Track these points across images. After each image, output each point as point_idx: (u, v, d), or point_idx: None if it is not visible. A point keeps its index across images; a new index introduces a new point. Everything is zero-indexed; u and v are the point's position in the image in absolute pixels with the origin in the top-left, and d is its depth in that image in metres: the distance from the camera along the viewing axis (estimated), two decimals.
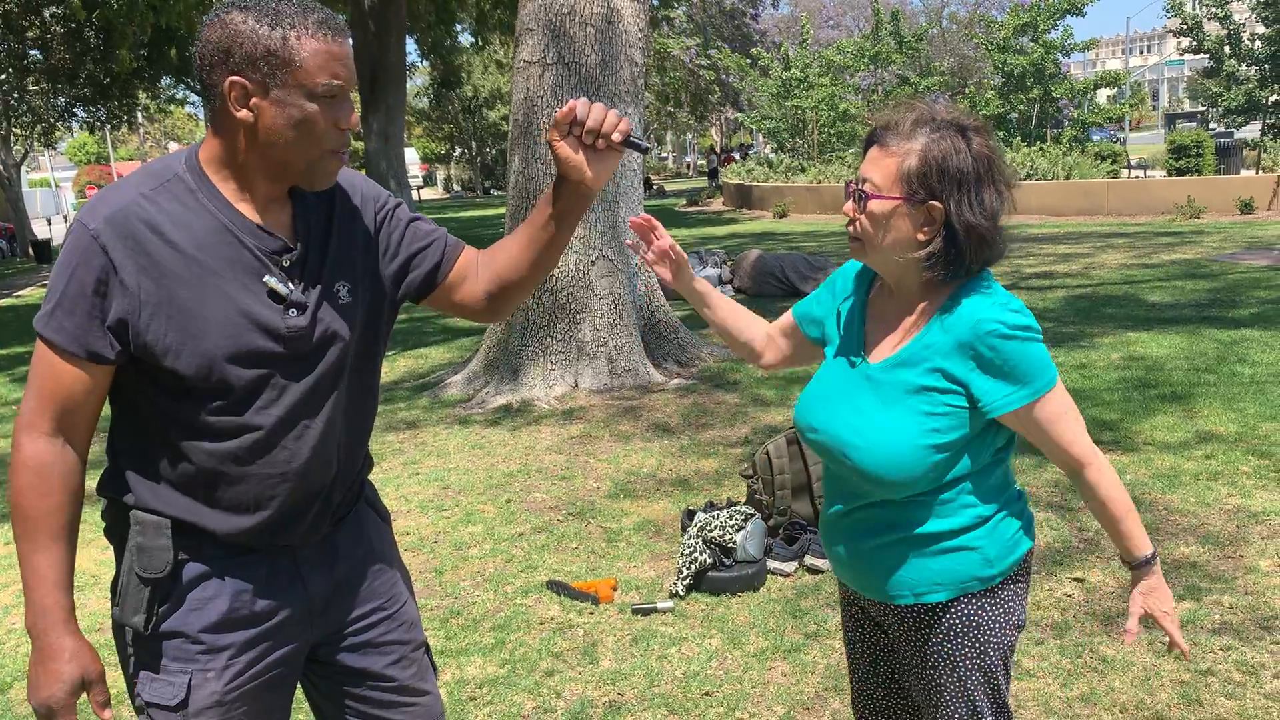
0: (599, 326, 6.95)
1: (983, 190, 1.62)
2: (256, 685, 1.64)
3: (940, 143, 1.61)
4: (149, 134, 61.09)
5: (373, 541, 1.80)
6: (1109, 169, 19.92)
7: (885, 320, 1.77)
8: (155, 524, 1.57)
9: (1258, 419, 5.30)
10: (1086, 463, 1.70)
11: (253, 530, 1.60)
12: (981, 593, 1.73)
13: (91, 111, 26.91)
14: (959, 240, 1.62)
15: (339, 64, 1.47)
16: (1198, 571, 3.66)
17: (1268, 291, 9.02)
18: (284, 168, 1.52)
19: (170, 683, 1.59)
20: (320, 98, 1.46)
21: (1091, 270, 11.14)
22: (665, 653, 3.39)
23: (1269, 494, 4.32)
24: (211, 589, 1.60)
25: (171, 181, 1.51)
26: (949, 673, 1.75)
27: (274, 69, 1.44)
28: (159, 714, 1.60)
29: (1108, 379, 6.35)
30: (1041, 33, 22.95)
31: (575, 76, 6.76)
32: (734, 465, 5.21)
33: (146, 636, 1.59)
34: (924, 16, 47.74)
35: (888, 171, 1.63)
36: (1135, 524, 1.73)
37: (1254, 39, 23.20)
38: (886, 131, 1.65)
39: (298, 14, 1.45)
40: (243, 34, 1.43)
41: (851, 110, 26.08)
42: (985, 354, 1.63)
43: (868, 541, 1.76)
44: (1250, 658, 3.07)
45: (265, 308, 1.53)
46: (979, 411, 1.66)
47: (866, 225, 1.66)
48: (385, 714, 1.79)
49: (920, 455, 1.65)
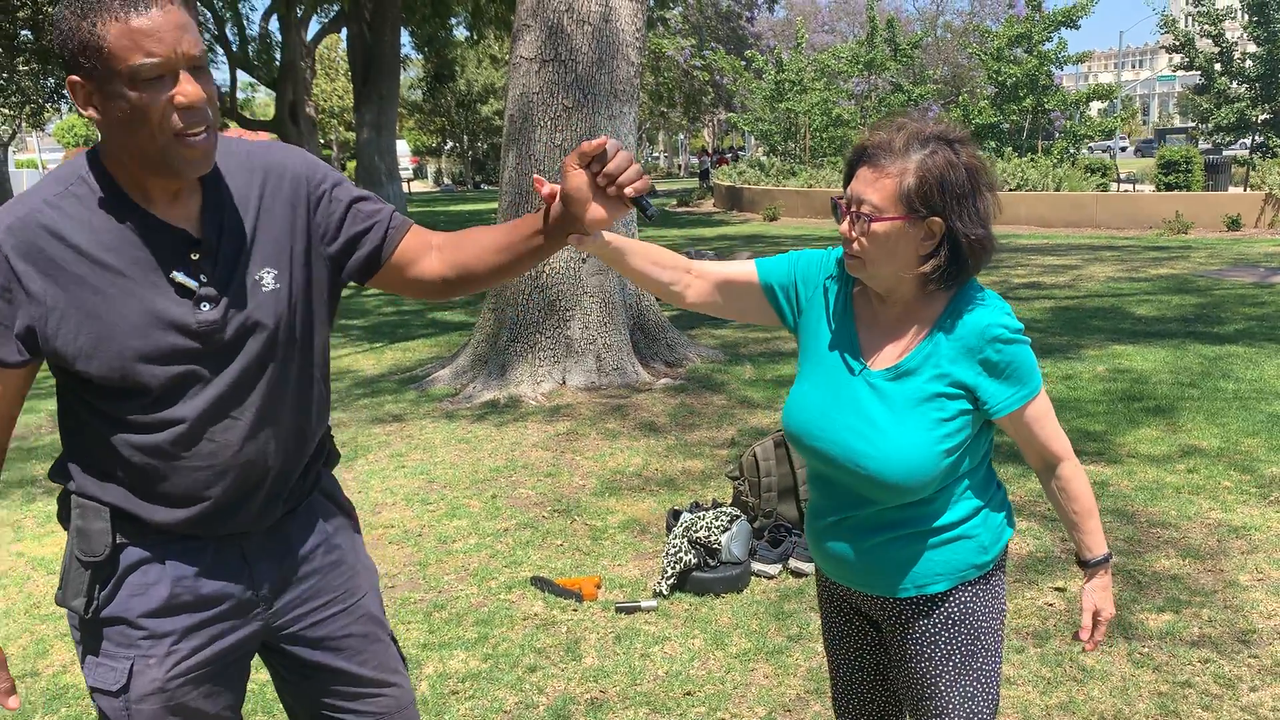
0: (588, 325, 6.95)
1: (978, 200, 1.64)
2: (202, 673, 1.62)
3: (934, 157, 1.62)
4: None
5: (328, 534, 1.76)
6: (1098, 182, 20.03)
7: (880, 327, 1.77)
8: (94, 508, 1.56)
9: (1240, 434, 5.34)
10: (1065, 457, 1.78)
11: (190, 521, 1.58)
12: (977, 580, 1.78)
13: None
14: (961, 251, 1.64)
15: (150, 39, 1.34)
16: (1178, 584, 3.69)
17: (1253, 308, 9.09)
18: (140, 163, 1.44)
19: (112, 668, 1.58)
20: (141, 81, 1.36)
21: (1079, 282, 11.20)
22: (648, 651, 3.39)
23: (1250, 509, 4.36)
24: (152, 574, 1.58)
25: (75, 184, 1.48)
26: (943, 662, 1.78)
27: (92, 62, 1.36)
28: (102, 699, 1.59)
29: (1093, 391, 6.39)
30: (1036, 44, 23.06)
31: (571, 74, 6.76)
32: (720, 466, 5.22)
33: (89, 620, 1.58)
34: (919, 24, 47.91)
35: (886, 191, 1.63)
36: (1097, 524, 1.82)
37: (1245, 58, 23.34)
38: (879, 150, 1.65)
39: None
40: (63, 31, 1.37)
41: (844, 116, 26.14)
42: (993, 358, 1.68)
43: (869, 540, 1.77)
44: (1228, 670, 3.10)
45: (174, 304, 1.50)
46: (981, 413, 1.72)
47: (868, 245, 1.66)
48: (352, 706, 1.78)
49: (935, 461, 1.68)
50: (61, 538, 4.67)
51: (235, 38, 34.32)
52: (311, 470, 1.73)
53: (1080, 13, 22.72)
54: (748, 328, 9.09)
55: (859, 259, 1.69)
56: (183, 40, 1.37)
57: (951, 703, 1.79)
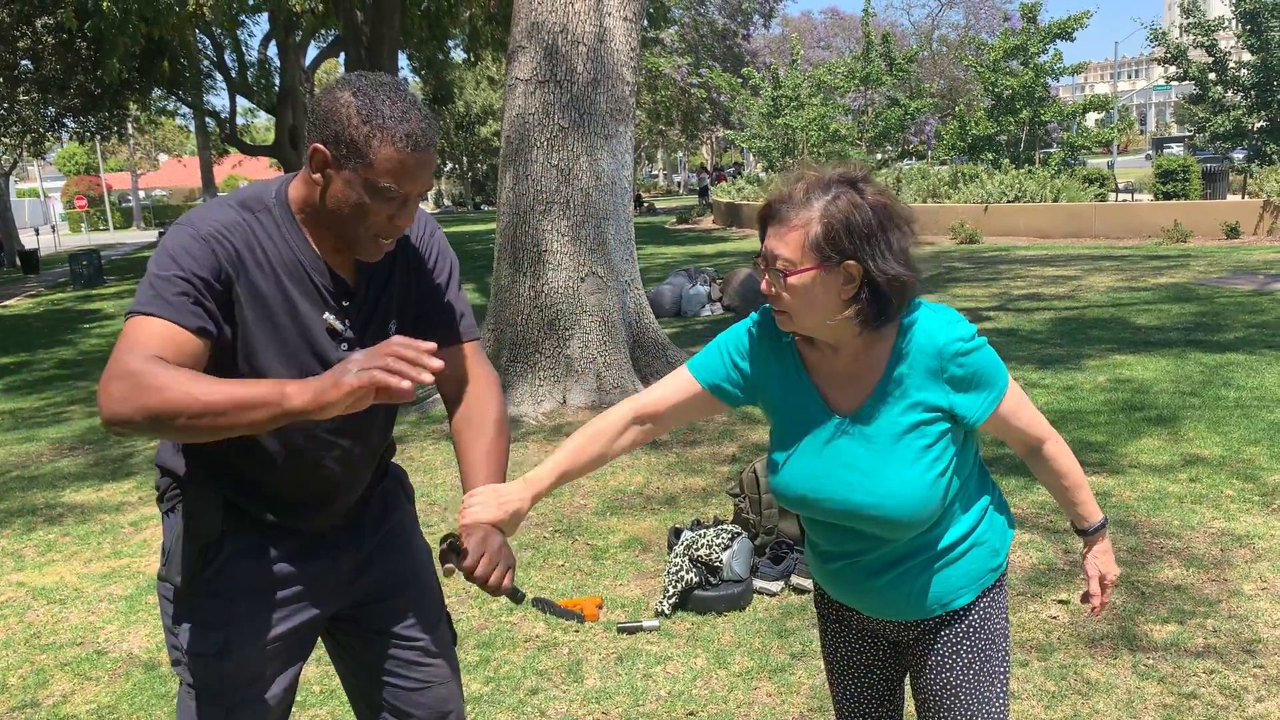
0: (588, 343, 6.95)
1: (890, 236, 1.61)
2: (282, 643, 1.82)
3: (837, 202, 1.60)
4: (139, 145, 60.96)
5: (397, 519, 2.00)
6: (1097, 192, 20.05)
7: (838, 373, 1.74)
8: (208, 498, 1.76)
9: (1242, 442, 5.33)
10: (1047, 437, 1.81)
11: (286, 518, 1.79)
12: (994, 585, 1.81)
13: (82, 122, 26.89)
14: (882, 291, 1.61)
15: (408, 176, 1.61)
16: (1182, 594, 3.67)
17: (1253, 316, 9.08)
18: (338, 230, 1.68)
19: (207, 635, 1.77)
20: (379, 195, 1.61)
21: (1079, 293, 11.20)
22: (650, 672, 3.37)
23: (1253, 517, 4.34)
24: (251, 559, 1.78)
25: (262, 213, 1.68)
26: (965, 670, 1.79)
27: (350, 155, 1.59)
28: (196, 662, 1.77)
29: (1095, 401, 6.38)
30: (1032, 56, 23.13)
31: (567, 94, 6.79)
32: (721, 483, 5.20)
33: (189, 594, 1.76)
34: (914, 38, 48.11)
35: (795, 244, 1.61)
36: (1089, 494, 1.87)
37: (1240, 66, 23.40)
38: (781, 205, 1.64)
39: (392, 119, 1.58)
40: (341, 115, 1.58)
41: (841, 131, 26.22)
42: (958, 373, 1.68)
43: (885, 576, 1.77)
44: (1233, 681, 3.08)
45: (323, 339, 1.72)
46: (961, 426, 1.72)
47: (789, 299, 1.65)
48: (405, 672, 1.95)
49: (933, 490, 1.69)
50: (76, 563, 4.67)
51: (234, 64, 34.51)
52: (381, 465, 1.98)
53: (1075, 25, 22.81)
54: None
55: (785, 314, 1.67)
56: (426, 180, 1.66)
57: (971, 708, 1.80)
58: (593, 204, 6.93)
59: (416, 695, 1.96)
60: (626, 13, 6.96)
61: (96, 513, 5.43)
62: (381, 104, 1.58)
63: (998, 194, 19.43)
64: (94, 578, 4.51)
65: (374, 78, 1.64)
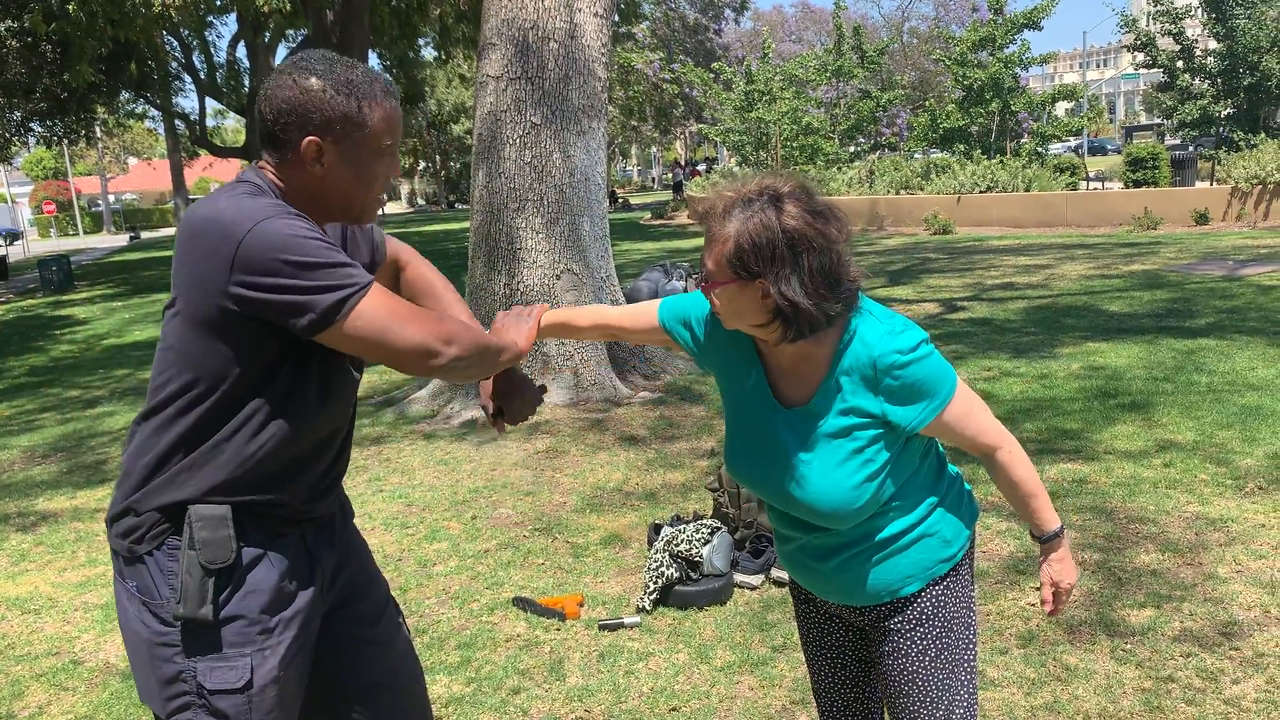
0: (564, 341, 6.93)
1: (801, 259, 1.60)
2: (298, 661, 1.78)
3: (750, 221, 1.60)
4: (108, 149, 60.36)
5: (349, 519, 2.02)
6: (1068, 181, 20.20)
7: (782, 368, 1.78)
8: (217, 516, 1.68)
9: (1215, 427, 5.38)
10: (998, 445, 1.79)
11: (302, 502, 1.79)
12: (947, 574, 1.81)
13: (49, 126, 26.54)
14: (787, 313, 1.62)
15: (396, 125, 1.72)
16: (1158, 579, 3.70)
17: (1223, 301, 9.17)
18: (342, 210, 1.76)
19: (233, 667, 1.68)
20: (382, 155, 1.71)
21: (1052, 281, 11.28)
22: (632, 668, 3.37)
23: (1226, 501, 4.38)
24: (263, 570, 1.73)
25: (283, 205, 1.67)
26: (919, 657, 1.81)
27: (349, 133, 1.66)
28: (224, 699, 1.68)
29: (1069, 389, 6.42)
30: (999, 47, 23.26)
31: (538, 91, 6.76)
32: (701, 478, 5.21)
33: (206, 626, 1.68)
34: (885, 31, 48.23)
35: (717, 257, 1.65)
36: (1045, 502, 1.85)
37: (1207, 54, 23.63)
38: (709, 215, 1.67)
39: (367, 84, 1.67)
40: (323, 100, 1.64)
41: (814, 124, 26.28)
42: (892, 385, 1.68)
43: (831, 560, 1.81)
44: (1210, 664, 3.11)
45: None
46: (896, 433, 1.73)
47: (719, 306, 1.70)
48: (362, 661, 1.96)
49: (860, 490, 1.71)
50: (50, 572, 4.61)
51: (203, 65, 34.22)
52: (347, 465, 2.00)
53: (1041, 14, 22.95)
54: None
55: (720, 315, 1.73)
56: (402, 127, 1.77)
57: (933, 694, 1.81)
58: (566, 200, 6.91)
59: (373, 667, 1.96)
60: (597, 8, 6.94)
61: (71, 520, 5.37)
62: (347, 74, 1.65)
63: (970, 184, 19.55)
64: (69, 586, 4.46)
65: (313, 54, 1.69)
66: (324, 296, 1.57)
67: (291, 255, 1.56)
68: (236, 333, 1.61)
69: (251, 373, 1.65)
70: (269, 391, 1.68)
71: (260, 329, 1.61)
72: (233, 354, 1.63)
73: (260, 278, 1.55)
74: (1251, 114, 22.90)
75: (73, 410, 8.26)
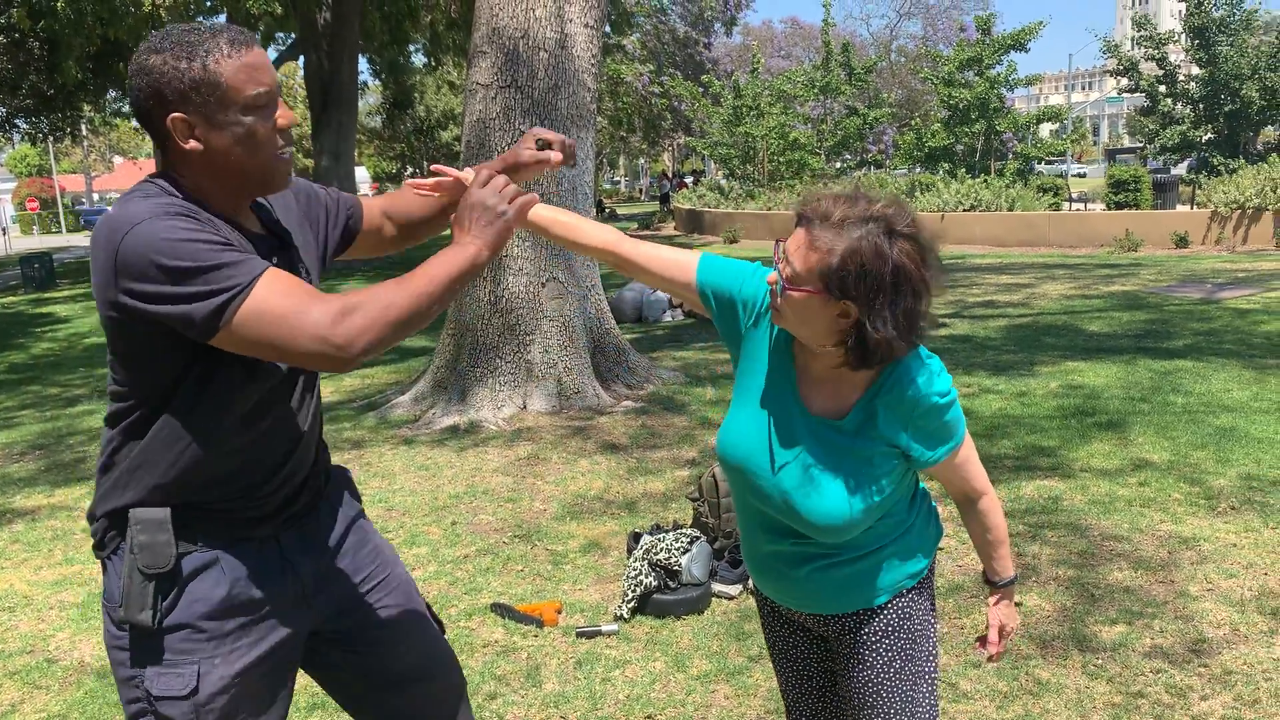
0: (548, 348, 6.95)
1: (898, 301, 1.59)
2: (259, 670, 1.72)
3: (864, 243, 1.57)
4: (93, 147, 60.00)
5: (350, 519, 1.94)
6: (1051, 202, 20.38)
7: (815, 375, 1.76)
8: (156, 520, 1.64)
9: (1189, 447, 5.44)
10: (984, 493, 1.85)
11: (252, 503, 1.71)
12: (912, 589, 1.85)
13: (34, 123, 26.40)
14: (869, 343, 1.61)
15: (260, 71, 1.57)
16: (1131, 596, 3.74)
17: (1201, 323, 9.27)
18: (242, 182, 1.63)
19: (179, 674, 1.65)
20: (253, 108, 1.57)
21: (1033, 300, 11.37)
22: (609, 676, 3.39)
23: (1199, 520, 4.44)
24: (211, 578, 1.67)
25: (178, 206, 1.55)
26: (884, 669, 1.83)
27: (205, 96, 1.54)
28: (169, 705, 1.65)
29: (1047, 407, 6.48)
30: (986, 68, 23.48)
31: (527, 99, 6.79)
32: (681, 487, 5.23)
33: (150, 632, 1.65)
34: (873, 49, 48.56)
35: (809, 263, 1.60)
36: (1008, 550, 1.92)
37: (1189, 79, 23.93)
38: (816, 218, 1.62)
39: (209, 39, 1.54)
40: (166, 73, 1.53)
41: (801, 139, 26.42)
42: (923, 424, 1.71)
43: (803, 568, 1.82)
44: (1179, 680, 3.15)
45: None
46: (910, 464, 1.77)
47: (785, 307, 1.66)
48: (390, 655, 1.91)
49: (865, 512, 1.74)
50: (26, 569, 4.59)
51: None
52: (321, 466, 1.89)
53: (1028, 36, 23.19)
54: (710, 349, 9.14)
55: (779, 312, 1.69)
56: (273, 72, 1.61)
57: (894, 707, 1.84)
58: None
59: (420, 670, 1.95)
60: (588, 19, 6.98)
61: (48, 518, 5.35)
62: (186, 38, 1.54)
63: (954, 203, 19.69)
64: (45, 585, 4.44)
65: (157, 33, 1.58)
66: (201, 305, 1.47)
67: (165, 260, 1.46)
68: (140, 337, 1.55)
69: (165, 374, 1.59)
70: (186, 392, 1.61)
71: (162, 333, 1.54)
72: (144, 357, 1.58)
73: (139, 284, 1.48)
74: (1232, 139, 23.18)
75: (52, 408, 8.22)
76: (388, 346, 1.54)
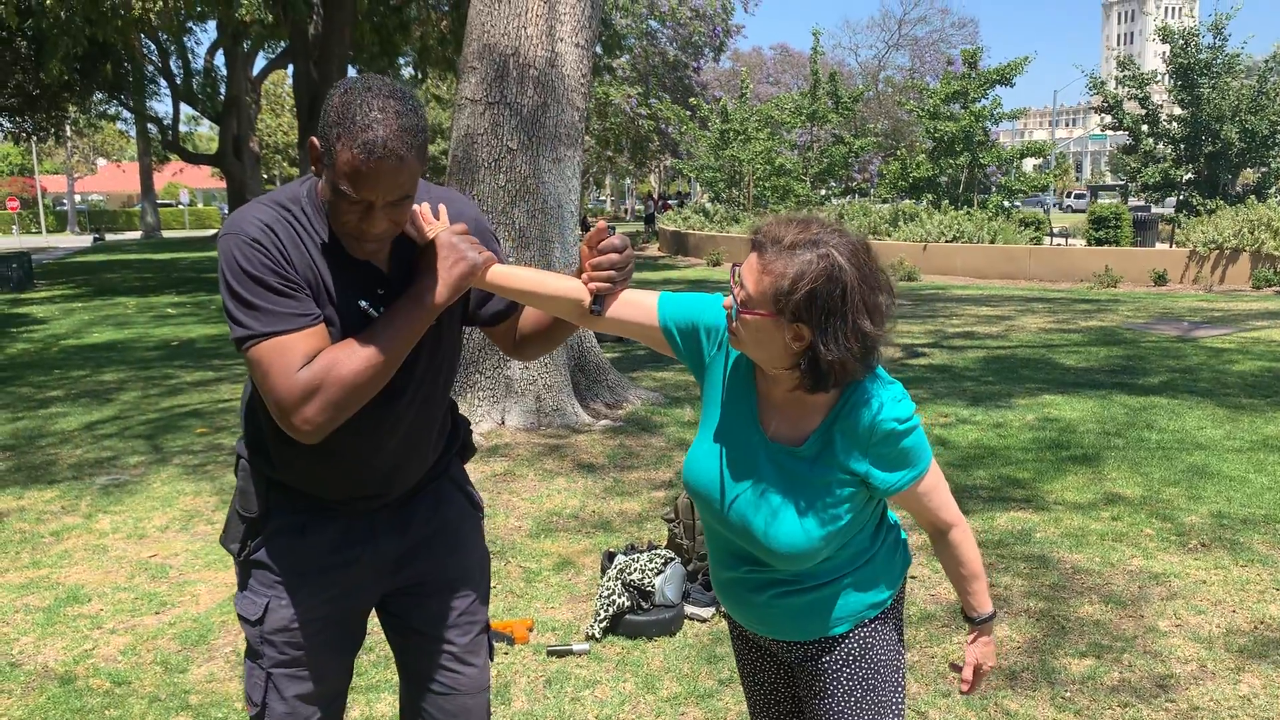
0: (528, 365, 6.94)
1: (849, 322, 1.59)
2: (323, 623, 1.92)
3: (815, 265, 1.57)
4: (77, 148, 59.69)
5: (450, 520, 2.05)
6: (1032, 235, 20.58)
7: (775, 401, 1.77)
8: (247, 471, 1.91)
9: (1161, 483, 5.49)
10: (955, 523, 1.81)
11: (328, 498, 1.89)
12: (875, 619, 1.83)
13: (18, 122, 26.26)
14: (821, 365, 1.61)
15: (363, 182, 1.60)
16: (1100, 630, 3.76)
17: (1176, 361, 9.37)
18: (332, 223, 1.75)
19: (254, 601, 1.90)
20: (341, 197, 1.63)
21: (1011, 333, 11.46)
22: (579, 695, 3.37)
23: (1170, 556, 4.47)
24: (294, 536, 1.89)
25: (295, 207, 1.74)
26: (845, 698, 1.82)
27: (325, 153, 1.64)
28: (245, 626, 1.93)
29: (1022, 439, 6.52)
30: (971, 101, 23.72)
31: (516, 117, 6.82)
32: (657, 508, 5.22)
33: (242, 561, 1.92)
34: (861, 79, 48.98)
35: (762, 287, 1.61)
36: (984, 585, 1.87)
37: (1171, 120, 24.24)
38: (768, 243, 1.62)
39: (358, 124, 1.58)
40: (326, 112, 1.63)
41: (787, 165, 26.60)
42: (883, 451, 1.70)
43: (765, 593, 1.82)
44: (1146, 715, 3.16)
45: (360, 323, 1.75)
46: (872, 492, 1.75)
47: (741, 330, 1.67)
48: (434, 675, 2.03)
49: (824, 540, 1.73)
50: None
51: (180, 70, 34.01)
52: (441, 462, 2.04)
53: (1014, 71, 23.46)
54: (688, 370, 9.13)
55: (735, 335, 1.70)
56: (390, 190, 1.62)
57: None
58: (538, 226, 6.95)
59: (442, 700, 2.04)
60: (579, 39, 7.02)
61: (15, 521, 5.28)
62: (357, 107, 1.58)
63: (936, 233, 19.85)
64: (10, 588, 4.38)
65: (369, 80, 1.63)
66: (233, 328, 1.68)
67: (229, 278, 1.67)
68: None
69: None
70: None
71: None
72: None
73: (221, 279, 1.69)
74: (1212, 180, 23.48)
75: (24, 409, 8.13)
76: (339, 420, 1.69)
